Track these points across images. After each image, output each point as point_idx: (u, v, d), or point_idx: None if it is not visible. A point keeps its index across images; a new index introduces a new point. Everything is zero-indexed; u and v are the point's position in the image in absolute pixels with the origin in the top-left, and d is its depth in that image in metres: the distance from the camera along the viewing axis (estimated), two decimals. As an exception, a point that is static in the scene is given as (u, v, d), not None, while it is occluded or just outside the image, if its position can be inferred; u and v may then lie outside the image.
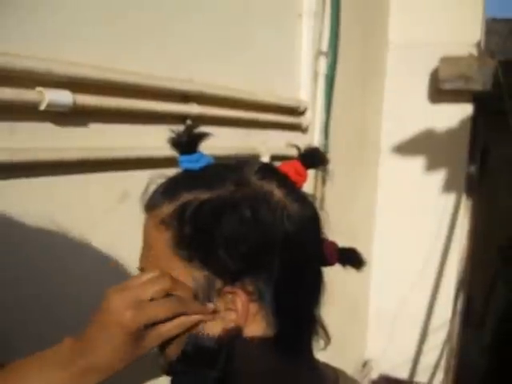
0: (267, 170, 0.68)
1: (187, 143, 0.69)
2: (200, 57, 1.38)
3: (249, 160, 0.70)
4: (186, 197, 0.63)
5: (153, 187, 0.69)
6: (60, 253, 1.00)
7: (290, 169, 0.71)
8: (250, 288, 0.62)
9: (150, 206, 0.68)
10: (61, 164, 0.98)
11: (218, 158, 0.71)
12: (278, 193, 0.65)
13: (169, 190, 0.67)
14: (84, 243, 1.04)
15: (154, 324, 0.63)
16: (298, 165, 0.72)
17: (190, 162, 0.69)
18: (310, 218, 0.68)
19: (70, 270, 1.03)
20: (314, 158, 0.74)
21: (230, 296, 0.63)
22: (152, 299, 0.62)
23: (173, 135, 0.70)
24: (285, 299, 0.64)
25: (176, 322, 0.63)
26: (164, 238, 0.64)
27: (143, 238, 0.69)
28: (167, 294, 0.63)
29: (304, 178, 0.72)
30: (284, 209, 0.64)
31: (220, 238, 0.60)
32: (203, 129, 0.70)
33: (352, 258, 0.77)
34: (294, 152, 0.75)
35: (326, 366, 0.77)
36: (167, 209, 0.64)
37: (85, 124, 1.03)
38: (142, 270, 0.69)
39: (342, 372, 0.77)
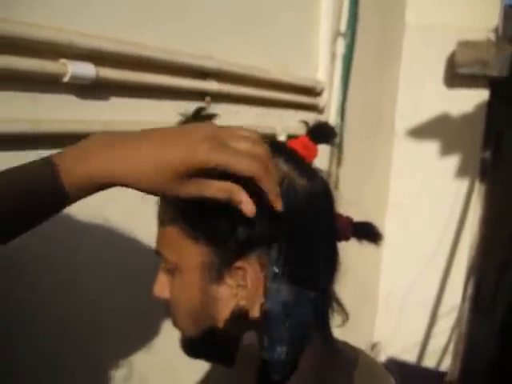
0: (274, 146, 0.66)
1: None
2: (219, 34, 1.37)
3: None
4: None
5: None
6: (76, 229, 1.01)
7: (298, 144, 0.70)
8: (260, 262, 0.62)
9: None
10: (83, 136, 0.98)
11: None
12: (284, 167, 0.64)
13: None
14: (97, 220, 1.04)
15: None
16: (307, 140, 0.71)
17: None
18: (320, 192, 0.67)
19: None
20: (322, 133, 0.73)
21: (240, 272, 0.62)
22: None
23: (181, 118, 0.69)
24: (297, 273, 0.63)
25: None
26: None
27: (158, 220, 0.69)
28: None
29: (313, 152, 0.71)
30: (291, 183, 0.63)
31: (225, 214, 0.60)
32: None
33: (368, 232, 0.76)
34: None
35: (345, 344, 0.76)
36: None
37: (106, 97, 1.04)
38: (157, 253, 0.69)
39: (361, 351, 0.76)
